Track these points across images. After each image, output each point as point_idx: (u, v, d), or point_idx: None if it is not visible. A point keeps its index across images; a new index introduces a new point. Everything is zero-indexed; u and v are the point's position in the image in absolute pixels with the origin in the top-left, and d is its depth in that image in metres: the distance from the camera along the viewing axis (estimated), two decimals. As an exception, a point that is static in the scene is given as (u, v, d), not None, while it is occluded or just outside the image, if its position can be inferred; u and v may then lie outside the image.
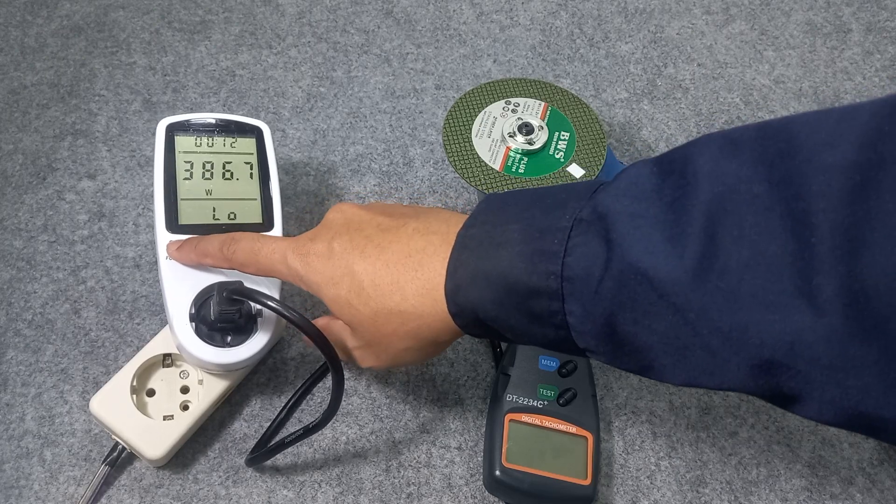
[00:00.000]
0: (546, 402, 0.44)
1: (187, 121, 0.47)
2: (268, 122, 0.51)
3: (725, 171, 0.27)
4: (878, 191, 0.23)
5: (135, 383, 0.42)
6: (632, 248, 0.27)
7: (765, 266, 0.25)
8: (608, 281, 0.28)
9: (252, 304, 0.41)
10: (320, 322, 0.41)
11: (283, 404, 0.46)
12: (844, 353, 0.24)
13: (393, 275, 0.35)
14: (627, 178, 0.30)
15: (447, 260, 0.34)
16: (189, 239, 0.43)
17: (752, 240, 0.25)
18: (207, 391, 0.43)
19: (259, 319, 0.42)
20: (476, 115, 0.52)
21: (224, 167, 0.47)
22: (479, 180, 0.48)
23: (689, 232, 0.26)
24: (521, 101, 0.53)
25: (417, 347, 0.36)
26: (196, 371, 0.44)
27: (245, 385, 0.46)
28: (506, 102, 0.53)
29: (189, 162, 0.46)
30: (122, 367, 0.43)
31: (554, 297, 0.30)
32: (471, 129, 0.51)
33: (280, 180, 0.48)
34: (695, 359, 0.27)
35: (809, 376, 0.25)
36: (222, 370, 0.42)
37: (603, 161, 0.50)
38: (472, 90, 0.53)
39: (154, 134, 0.47)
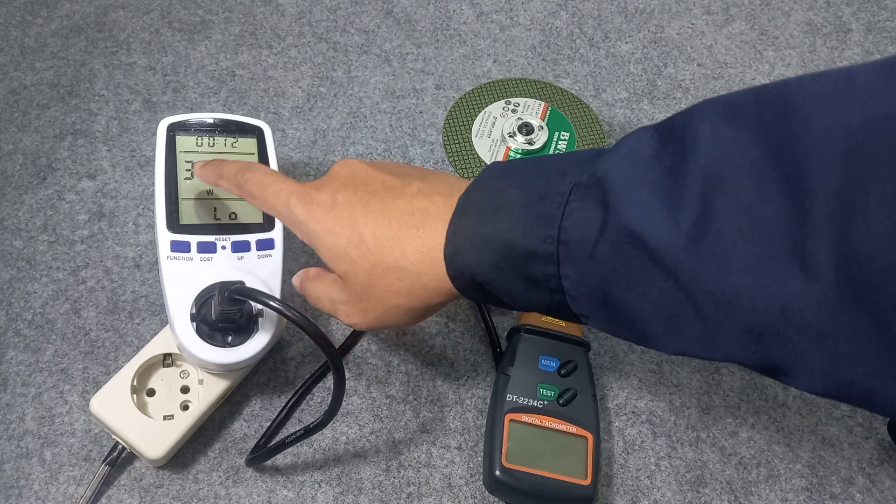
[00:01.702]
0: (546, 402, 0.44)
1: (188, 121, 0.47)
2: (268, 122, 0.51)
3: (723, 136, 0.26)
4: (873, 153, 0.23)
5: (135, 383, 0.42)
6: (628, 213, 0.27)
7: (759, 231, 0.25)
8: (603, 245, 0.28)
9: (253, 303, 0.41)
10: (312, 271, 0.41)
11: (283, 404, 0.46)
12: (834, 319, 0.24)
13: (394, 231, 0.35)
14: (628, 144, 0.30)
15: (448, 223, 0.34)
16: (214, 160, 0.43)
17: (747, 205, 0.25)
18: (207, 391, 0.43)
19: (260, 319, 0.42)
20: (476, 115, 0.52)
21: (224, 167, 0.47)
22: (480, 180, 0.48)
23: (686, 197, 0.26)
24: (521, 101, 0.53)
25: (407, 307, 0.37)
26: (196, 371, 0.44)
27: (245, 385, 0.46)
28: (506, 102, 0.53)
29: (190, 162, 0.46)
30: (122, 367, 0.43)
31: (550, 261, 0.30)
32: (471, 129, 0.51)
33: (280, 180, 0.48)
34: (687, 328, 0.27)
35: (799, 344, 0.25)
36: (223, 370, 0.42)
37: (603, 161, 0.50)
38: (472, 90, 0.53)
39: (154, 134, 0.47)
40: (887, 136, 0.22)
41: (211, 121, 0.48)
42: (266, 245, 0.45)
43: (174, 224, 0.44)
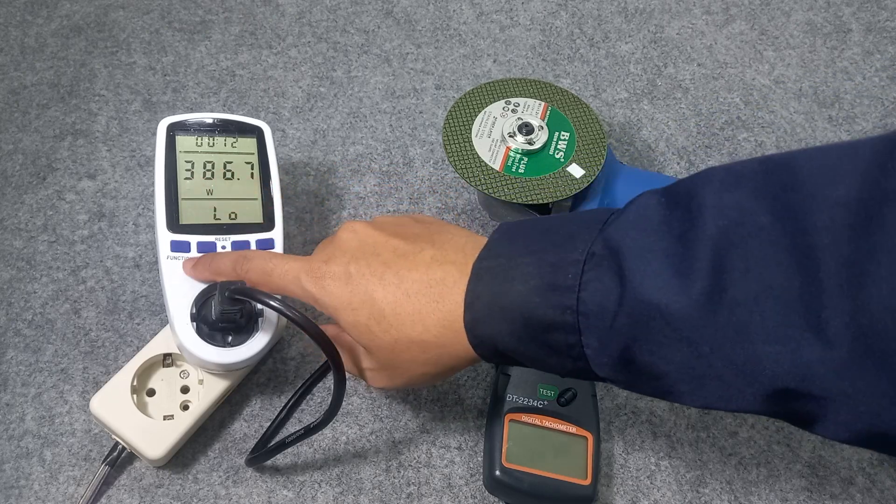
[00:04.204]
0: (546, 402, 0.44)
1: (188, 121, 0.47)
2: (268, 122, 0.51)
3: (728, 203, 0.27)
4: (882, 226, 0.23)
5: (135, 383, 0.42)
6: (643, 284, 0.28)
7: (773, 299, 0.25)
8: (622, 316, 0.28)
9: (253, 303, 0.41)
10: (330, 331, 0.41)
11: (283, 404, 0.46)
12: (854, 384, 0.24)
13: (414, 305, 0.35)
14: (636, 210, 0.30)
15: (465, 292, 0.34)
16: (203, 257, 0.43)
17: (760, 273, 0.26)
18: (207, 391, 0.43)
19: (260, 319, 0.42)
20: (476, 115, 0.52)
21: (225, 167, 0.47)
22: (479, 180, 0.48)
23: (698, 266, 0.27)
24: (521, 101, 0.53)
25: (434, 373, 0.37)
26: (196, 371, 0.44)
27: (245, 385, 0.46)
28: (506, 102, 0.53)
29: (190, 162, 0.46)
30: (122, 367, 0.43)
31: (571, 331, 0.30)
32: (471, 129, 0.51)
33: (280, 180, 0.48)
34: (711, 387, 0.28)
35: (822, 402, 0.26)
36: (223, 370, 0.42)
37: (603, 161, 0.50)
38: (472, 90, 0.53)
39: (154, 134, 0.47)
40: (894, 209, 0.23)
41: (211, 121, 0.48)
42: (266, 245, 0.45)
43: (174, 224, 0.44)
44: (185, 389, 0.44)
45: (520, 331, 0.32)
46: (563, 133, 0.51)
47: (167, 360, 0.44)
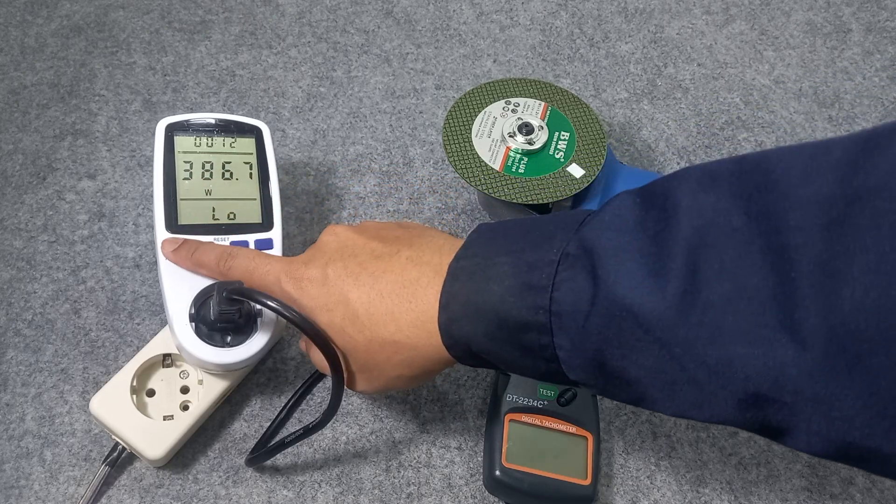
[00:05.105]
0: (546, 402, 0.44)
1: (187, 121, 0.47)
2: (268, 122, 0.51)
3: (703, 204, 0.27)
4: (854, 225, 0.23)
5: (135, 383, 0.42)
6: (617, 284, 0.28)
7: (746, 300, 0.25)
8: (595, 317, 0.28)
9: (252, 304, 0.41)
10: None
11: (283, 404, 0.46)
12: (827, 387, 0.24)
13: (387, 305, 0.35)
14: (612, 210, 0.30)
15: (440, 292, 0.34)
16: (186, 242, 0.43)
17: (733, 273, 0.25)
18: (207, 391, 0.43)
19: (259, 319, 0.42)
20: (476, 115, 0.52)
21: (223, 167, 0.47)
22: (479, 180, 0.48)
23: (672, 266, 0.27)
24: (521, 101, 0.53)
25: (409, 375, 0.37)
26: (196, 371, 0.44)
27: (245, 385, 0.46)
28: (506, 102, 0.53)
29: (188, 162, 0.46)
30: (122, 367, 0.43)
31: (543, 332, 0.30)
32: (471, 129, 0.51)
33: (280, 180, 0.48)
34: (683, 393, 0.28)
35: (795, 408, 0.25)
36: (222, 370, 0.42)
37: (603, 161, 0.50)
38: (472, 90, 0.53)
39: (154, 134, 0.47)
40: (868, 209, 0.23)
41: (209, 121, 0.48)
42: (265, 244, 0.45)
43: (173, 224, 0.44)
44: (184, 389, 0.44)
45: (494, 331, 0.32)
46: (563, 133, 0.51)
47: (167, 360, 0.44)
